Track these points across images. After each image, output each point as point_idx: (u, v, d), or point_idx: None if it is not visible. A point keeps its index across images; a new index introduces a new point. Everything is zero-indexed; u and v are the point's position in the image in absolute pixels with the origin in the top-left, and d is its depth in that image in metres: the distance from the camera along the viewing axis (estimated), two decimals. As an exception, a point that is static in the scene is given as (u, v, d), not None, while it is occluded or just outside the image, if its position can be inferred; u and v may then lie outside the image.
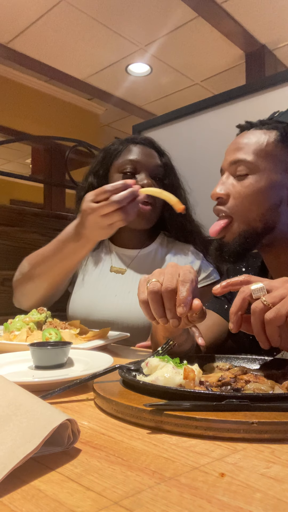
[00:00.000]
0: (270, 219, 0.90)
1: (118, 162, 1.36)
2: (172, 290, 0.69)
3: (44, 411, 0.42)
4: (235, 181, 0.92)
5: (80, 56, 4.64)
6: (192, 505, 0.32)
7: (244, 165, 0.90)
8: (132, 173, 1.33)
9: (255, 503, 0.32)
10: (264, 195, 0.89)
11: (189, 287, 0.69)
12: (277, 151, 0.90)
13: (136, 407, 0.49)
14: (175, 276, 0.71)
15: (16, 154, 7.07)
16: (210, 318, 1.06)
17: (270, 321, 0.61)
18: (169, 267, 0.74)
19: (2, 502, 0.33)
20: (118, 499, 0.33)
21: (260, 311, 0.62)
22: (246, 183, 0.90)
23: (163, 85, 5.23)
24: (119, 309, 1.29)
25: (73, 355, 0.82)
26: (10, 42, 4.40)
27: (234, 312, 0.66)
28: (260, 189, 0.88)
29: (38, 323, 1.07)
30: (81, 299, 1.36)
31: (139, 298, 0.72)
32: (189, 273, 0.71)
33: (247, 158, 0.90)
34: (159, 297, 0.70)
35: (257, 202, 0.89)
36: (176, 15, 3.86)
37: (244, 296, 0.65)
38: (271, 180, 0.89)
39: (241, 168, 0.90)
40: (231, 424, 0.44)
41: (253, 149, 0.90)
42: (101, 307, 1.31)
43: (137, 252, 1.40)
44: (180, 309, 0.67)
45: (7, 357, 0.82)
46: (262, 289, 0.64)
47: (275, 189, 0.89)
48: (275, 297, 0.62)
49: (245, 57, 4.51)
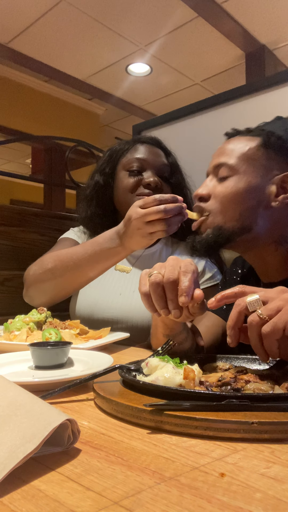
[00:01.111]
0: (247, 219, 0.92)
1: (124, 160, 1.37)
2: (174, 281, 0.69)
3: (44, 411, 0.42)
4: (217, 183, 0.95)
5: (80, 56, 4.63)
6: (192, 505, 0.32)
7: (226, 167, 0.93)
8: (138, 171, 1.34)
9: (255, 503, 0.32)
10: (242, 196, 0.91)
11: (191, 277, 0.70)
12: (258, 156, 0.92)
13: (136, 407, 0.49)
14: (176, 268, 0.71)
15: (16, 154, 7.07)
16: (209, 319, 1.06)
17: (267, 335, 0.60)
18: (170, 260, 0.75)
19: (2, 502, 0.33)
20: (118, 499, 0.33)
21: (256, 325, 0.61)
22: (226, 184, 0.93)
23: (163, 85, 5.22)
24: (124, 308, 1.29)
25: (73, 355, 0.82)
26: (10, 42, 4.40)
27: (231, 327, 0.66)
28: (238, 190, 0.91)
29: (38, 323, 1.07)
30: (86, 297, 1.36)
31: (141, 290, 0.73)
32: (190, 264, 0.72)
33: (229, 161, 0.93)
34: (161, 288, 0.70)
35: (235, 202, 0.91)
36: (176, 15, 3.86)
37: (240, 310, 0.65)
38: (250, 182, 0.91)
39: (223, 170, 0.94)
40: (231, 424, 0.44)
41: (235, 153, 0.94)
42: (106, 305, 1.31)
43: (142, 251, 1.41)
44: (183, 298, 0.68)
45: (7, 357, 0.82)
46: (257, 301, 0.63)
47: (254, 191, 0.91)
48: (271, 309, 0.61)
49: (245, 57, 4.50)
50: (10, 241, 1.68)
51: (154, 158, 1.36)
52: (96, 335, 1.07)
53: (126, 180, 1.35)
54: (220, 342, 1.04)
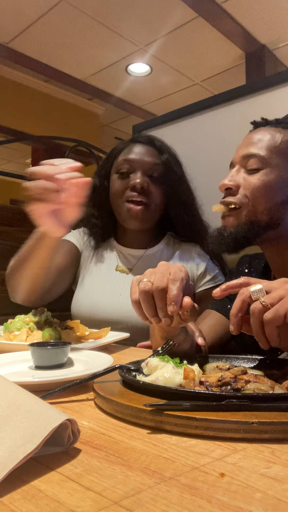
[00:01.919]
0: (276, 214, 0.91)
1: (116, 162, 1.36)
2: (163, 289, 0.69)
3: (44, 411, 0.42)
4: (246, 174, 0.93)
5: (80, 56, 4.63)
6: (192, 505, 0.32)
7: (256, 159, 0.91)
8: (127, 173, 1.32)
9: (255, 503, 0.32)
10: (273, 190, 0.90)
11: (179, 285, 0.69)
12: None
13: (136, 407, 0.49)
14: (165, 275, 0.71)
15: (16, 154, 7.07)
16: (213, 318, 1.06)
17: (269, 321, 0.61)
18: (160, 266, 0.74)
19: (2, 502, 0.33)
20: (118, 499, 0.33)
21: (259, 312, 0.62)
22: (256, 177, 0.91)
23: (163, 85, 5.22)
24: (124, 308, 1.29)
25: (73, 355, 0.82)
26: (10, 42, 4.40)
27: (234, 314, 0.67)
28: (269, 184, 0.90)
29: (38, 323, 1.07)
30: (86, 298, 1.36)
31: (131, 298, 0.72)
32: (180, 271, 0.71)
33: (260, 152, 0.91)
34: (150, 296, 0.70)
35: (265, 196, 0.90)
36: (176, 15, 3.86)
37: (244, 298, 0.66)
38: (281, 176, 0.90)
39: (253, 162, 0.92)
40: (231, 424, 0.44)
41: (266, 145, 0.91)
42: (106, 306, 1.31)
43: (143, 252, 1.40)
44: (171, 307, 0.68)
45: (7, 357, 0.82)
46: (261, 290, 0.64)
47: (284, 186, 0.90)
48: (273, 297, 0.62)
49: (245, 57, 4.50)
50: (10, 241, 1.68)
51: (143, 158, 1.32)
52: (96, 335, 1.07)
53: (116, 184, 1.33)
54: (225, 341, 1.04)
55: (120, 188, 1.32)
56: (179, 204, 1.35)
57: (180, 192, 1.35)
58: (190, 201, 1.38)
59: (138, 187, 1.28)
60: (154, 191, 1.32)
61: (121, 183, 1.32)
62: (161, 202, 1.35)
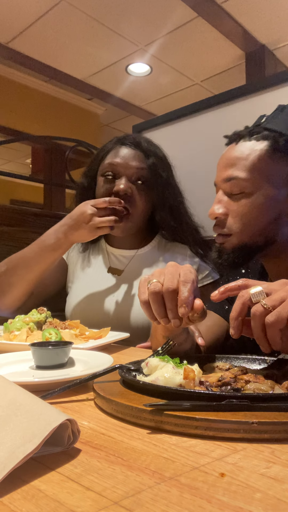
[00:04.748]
0: (271, 233, 0.89)
1: (102, 165, 1.34)
2: (174, 291, 0.69)
3: (44, 411, 0.42)
4: (231, 200, 0.90)
5: (80, 56, 4.64)
6: (192, 505, 0.32)
7: (238, 182, 0.88)
8: (112, 177, 1.30)
9: (255, 503, 0.32)
10: (262, 211, 0.87)
11: (191, 287, 0.69)
12: (270, 165, 0.87)
13: (136, 407, 0.49)
14: (175, 276, 0.70)
15: (16, 154, 7.07)
16: (210, 318, 1.06)
17: (271, 324, 0.60)
18: (169, 266, 0.74)
19: (2, 502, 0.33)
20: (118, 499, 0.33)
21: (260, 315, 0.61)
22: (242, 202, 0.88)
23: (163, 85, 5.23)
24: (117, 309, 1.29)
25: (73, 355, 0.82)
26: (10, 42, 4.40)
27: (234, 318, 0.66)
28: (257, 207, 0.87)
29: (38, 323, 1.07)
30: (78, 301, 1.36)
31: (140, 298, 0.72)
32: (190, 273, 0.71)
33: (240, 175, 0.87)
34: (160, 297, 0.70)
35: (255, 220, 0.88)
36: (176, 15, 3.86)
37: (244, 301, 0.65)
38: (267, 195, 0.87)
39: (235, 185, 0.88)
40: (231, 424, 0.44)
41: (244, 164, 0.87)
42: (99, 307, 1.31)
43: (134, 252, 1.40)
44: (182, 309, 0.67)
45: (7, 357, 0.82)
46: (261, 292, 0.63)
47: (273, 203, 0.87)
48: (275, 300, 0.61)
49: (245, 57, 4.51)
50: (10, 241, 1.68)
51: (128, 163, 1.30)
52: (96, 335, 1.07)
53: (101, 188, 1.32)
54: (222, 342, 1.04)
55: (105, 193, 1.31)
56: (165, 209, 1.34)
57: (166, 196, 1.33)
58: (177, 204, 1.36)
59: (121, 193, 1.27)
60: (138, 197, 1.30)
61: (106, 188, 1.31)
62: (147, 207, 1.34)
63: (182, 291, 0.68)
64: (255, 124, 0.94)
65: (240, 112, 1.77)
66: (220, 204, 0.91)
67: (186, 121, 2.00)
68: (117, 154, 1.32)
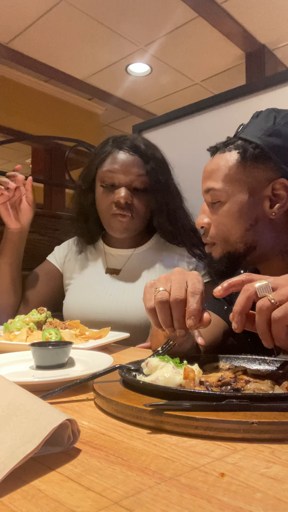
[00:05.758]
0: (250, 239, 0.91)
1: (101, 171, 1.33)
2: (181, 301, 0.68)
3: (44, 411, 0.42)
4: (212, 210, 0.95)
5: (80, 56, 4.63)
6: (192, 505, 0.32)
7: (214, 193, 0.92)
8: (112, 185, 1.31)
9: (255, 503, 0.32)
10: (238, 219, 0.90)
11: (199, 299, 0.68)
12: (240, 173, 0.90)
13: (136, 407, 0.49)
14: (183, 285, 0.69)
15: (16, 154, 7.06)
16: None
17: (278, 319, 0.59)
18: (176, 273, 0.73)
19: (2, 502, 0.33)
20: (118, 499, 0.33)
21: (267, 309, 0.60)
22: (219, 211, 0.93)
23: (163, 85, 5.22)
24: (115, 308, 1.29)
25: (73, 355, 0.82)
26: (10, 42, 4.40)
27: (238, 312, 0.64)
28: (233, 214, 0.91)
29: (38, 323, 1.08)
30: (76, 301, 1.36)
31: (146, 305, 0.71)
32: (198, 282, 0.70)
33: (215, 186, 0.92)
34: (167, 307, 0.69)
35: (233, 227, 0.91)
36: (176, 15, 3.86)
37: (249, 295, 0.63)
38: (240, 203, 0.90)
39: (213, 195, 0.93)
40: (231, 424, 0.44)
41: (219, 175, 0.92)
42: (96, 307, 1.31)
43: (132, 251, 1.40)
44: (190, 321, 0.67)
45: (7, 357, 0.82)
46: (267, 286, 0.62)
47: (248, 210, 0.90)
48: (282, 295, 0.60)
49: (245, 57, 4.50)
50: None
51: (127, 171, 1.29)
52: (96, 335, 1.07)
53: (101, 197, 1.33)
54: (220, 342, 1.04)
55: (106, 202, 1.32)
56: (163, 214, 1.34)
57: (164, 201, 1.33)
58: (175, 208, 1.36)
59: (122, 202, 1.28)
60: (138, 203, 1.32)
61: (106, 197, 1.31)
62: (147, 212, 1.36)
63: (190, 303, 0.67)
64: (234, 134, 0.98)
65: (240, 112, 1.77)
66: (204, 214, 0.97)
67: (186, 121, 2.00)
68: (115, 160, 1.31)
